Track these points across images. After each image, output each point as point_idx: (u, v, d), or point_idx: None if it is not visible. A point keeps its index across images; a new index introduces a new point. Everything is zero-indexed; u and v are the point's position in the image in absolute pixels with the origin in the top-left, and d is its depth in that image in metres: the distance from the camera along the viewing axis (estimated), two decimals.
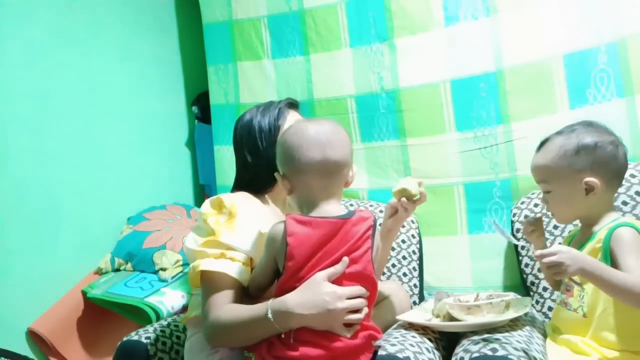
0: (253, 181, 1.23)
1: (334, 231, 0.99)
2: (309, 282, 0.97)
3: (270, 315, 0.96)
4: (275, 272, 1.03)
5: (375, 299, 1.05)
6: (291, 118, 1.27)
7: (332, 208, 1.02)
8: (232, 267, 1.06)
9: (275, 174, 1.06)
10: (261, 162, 1.20)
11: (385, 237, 1.26)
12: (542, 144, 1.10)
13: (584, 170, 1.02)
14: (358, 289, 0.99)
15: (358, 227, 1.00)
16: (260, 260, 1.06)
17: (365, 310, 1.00)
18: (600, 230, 1.02)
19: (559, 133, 1.08)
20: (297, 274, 0.98)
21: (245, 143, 1.24)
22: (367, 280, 1.01)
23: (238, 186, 1.27)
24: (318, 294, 0.95)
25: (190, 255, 1.13)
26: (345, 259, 0.97)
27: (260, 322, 0.98)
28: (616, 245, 0.97)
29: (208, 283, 1.09)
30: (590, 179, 1.01)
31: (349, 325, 0.98)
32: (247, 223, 1.11)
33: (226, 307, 1.05)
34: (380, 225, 1.31)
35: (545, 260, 0.92)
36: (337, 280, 0.98)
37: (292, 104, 1.32)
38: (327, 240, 0.98)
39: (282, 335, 0.98)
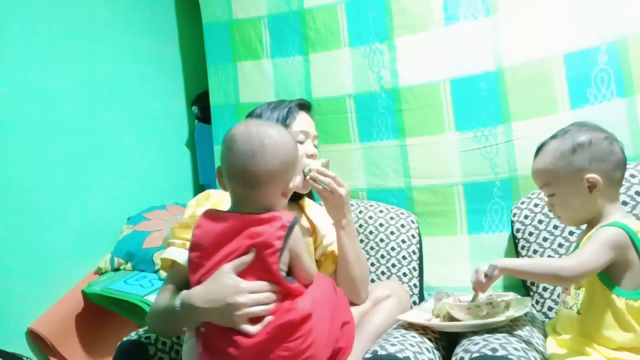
0: None
1: (241, 226, 0.94)
2: (215, 274, 0.94)
3: (178, 306, 0.95)
4: None
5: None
6: (300, 119, 1.27)
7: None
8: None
9: (217, 168, 1.04)
10: None
11: (336, 231, 1.22)
12: (539, 149, 1.11)
13: (583, 167, 1.02)
14: (265, 285, 0.93)
15: (268, 225, 0.94)
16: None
17: (273, 305, 0.93)
18: (593, 229, 1.03)
19: (553, 137, 1.09)
20: (201, 267, 0.96)
21: None
22: (273, 279, 0.94)
23: None
24: (220, 286, 0.92)
25: (164, 244, 1.17)
26: (253, 250, 0.93)
27: (172, 313, 0.97)
28: (589, 239, 0.99)
29: (168, 270, 1.13)
30: (591, 175, 1.01)
31: (256, 320, 0.91)
32: None
33: (160, 293, 1.07)
34: None
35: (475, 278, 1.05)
36: (244, 274, 0.93)
37: (304, 105, 1.32)
38: (232, 234, 0.95)
39: (184, 331, 0.99)
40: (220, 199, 1.17)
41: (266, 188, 0.97)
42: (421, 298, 1.58)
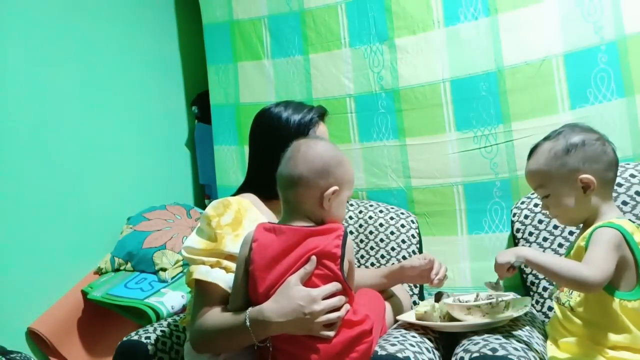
0: (267, 182, 1.11)
1: (299, 239, 0.99)
2: (282, 288, 0.97)
3: (248, 324, 0.96)
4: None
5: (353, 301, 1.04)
6: (319, 131, 1.24)
7: (299, 222, 1.02)
8: (225, 278, 1.06)
9: None
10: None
11: (386, 279, 1.27)
12: (532, 151, 1.11)
13: (577, 168, 1.03)
14: (333, 286, 0.98)
15: (325, 237, 0.99)
16: (236, 272, 1.04)
17: (347, 307, 1.00)
18: (588, 230, 1.03)
19: (546, 138, 1.09)
20: (263, 280, 0.98)
21: (269, 134, 1.20)
22: (338, 281, 0.99)
23: (249, 186, 1.23)
24: (292, 299, 0.95)
25: (188, 259, 1.11)
26: (314, 257, 0.97)
27: (239, 331, 0.98)
28: (590, 242, 0.98)
29: (200, 291, 1.08)
30: (585, 176, 1.02)
31: (330, 324, 0.97)
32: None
33: (209, 314, 1.04)
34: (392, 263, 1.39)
35: (495, 266, 1.03)
36: (310, 282, 0.97)
37: (323, 115, 1.27)
38: (291, 247, 0.98)
39: (255, 347, 0.99)
40: (240, 205, 1.14)
41: (299, 190, 1.01)
42: (421, 298, 1.58)
